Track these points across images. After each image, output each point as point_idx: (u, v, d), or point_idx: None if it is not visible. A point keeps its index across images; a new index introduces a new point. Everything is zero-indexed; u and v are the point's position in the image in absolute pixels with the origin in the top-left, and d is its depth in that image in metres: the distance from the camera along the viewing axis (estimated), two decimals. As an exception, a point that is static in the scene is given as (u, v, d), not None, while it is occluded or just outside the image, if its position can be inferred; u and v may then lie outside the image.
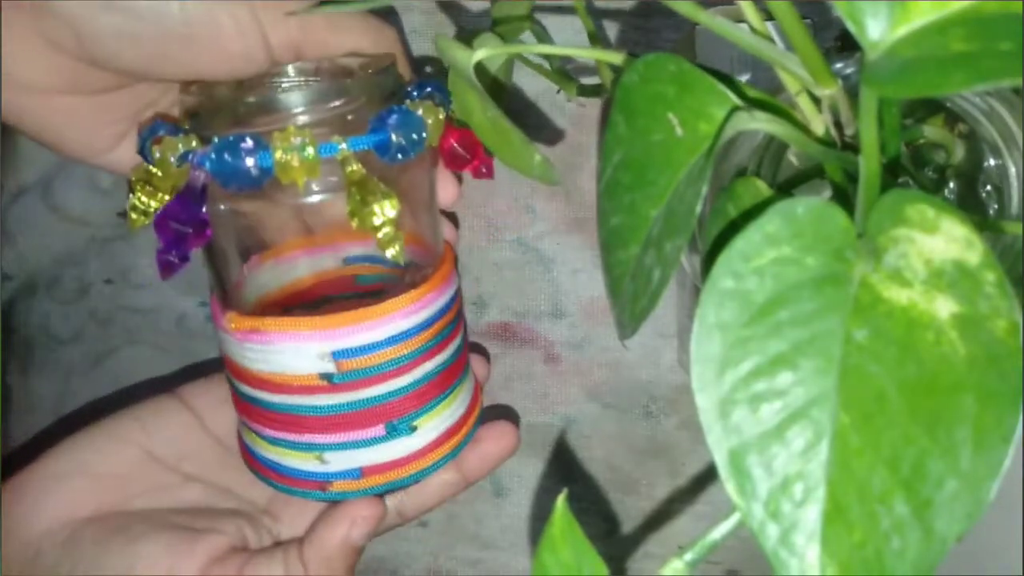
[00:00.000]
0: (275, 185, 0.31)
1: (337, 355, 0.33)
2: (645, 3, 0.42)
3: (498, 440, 0.38)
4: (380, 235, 0.31)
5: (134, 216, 0.32)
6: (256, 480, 0.37)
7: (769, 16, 0.21)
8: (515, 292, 0.46)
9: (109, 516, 0.36)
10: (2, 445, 0.39)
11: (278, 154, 0.30)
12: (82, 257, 0.48)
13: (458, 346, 0.37)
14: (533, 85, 0.43)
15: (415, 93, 0.34)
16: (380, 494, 0.35)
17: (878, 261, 0.20)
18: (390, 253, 0.31)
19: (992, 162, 0.29)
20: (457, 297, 0.37)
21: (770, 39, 0.22)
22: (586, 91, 0.35)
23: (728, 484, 0.19)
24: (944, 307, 0.19)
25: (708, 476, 0.45)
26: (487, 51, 0.28)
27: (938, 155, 0.31)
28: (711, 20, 0.21)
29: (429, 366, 0.35)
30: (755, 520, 0.19)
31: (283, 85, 0.35)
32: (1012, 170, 0.28)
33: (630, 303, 0.24)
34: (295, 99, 0.32)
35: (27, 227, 0.48)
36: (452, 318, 0.36)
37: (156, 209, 0.32)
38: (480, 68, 0.28)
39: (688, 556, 0.21)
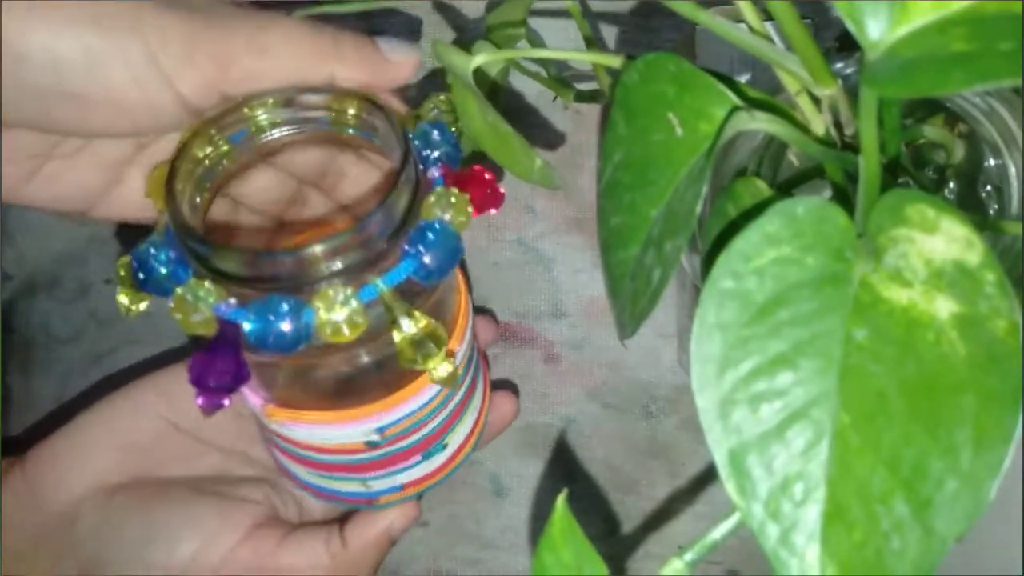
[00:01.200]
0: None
1: (380, 429, 0.33)
2: (645, 3, 0.42)
3: (497, 409, 0.39)
4: (437, 374, 0.29)
5: (126, 302, 0.30)
6: None
7: (769, 16, 0.21)
8: (515, 292, 0.46)
9: (141, 483, 0.36)
10: (2, 445, 0.39)
11: (321, 314, 0.27)
12: (82, 257, 0.48)
13: (477, 360, 0.37)
14: (533, 87, 0.43)
15: (424, 152, 0.30)
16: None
17: (878, 261, 0.19)
18: (449, 385, 0.30)
19: (992, 162, 0.29)
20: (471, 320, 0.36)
21: (770, 39, 0.22)
22: (583, 97, 0.35)
23: (728, 484, 0.19)
24: (944, 307, 0.19)
25: (708, 476, 0.45)
26: (486, 56, 0.28)
27: (938, 155, 0.31)
28: (711, 20, 0.21)
29: (457, 397, 0.35)
30: (755, 520, 0.19)
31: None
32: (1012, 170, 0.28)
33: (630, 303, 0.24)
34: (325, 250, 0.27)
35: (27, 227, 0.48)
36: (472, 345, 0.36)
37: (142, 301, 0.29)
38: (479, 73, 0.28)
39: (688, 556, 0.21)
